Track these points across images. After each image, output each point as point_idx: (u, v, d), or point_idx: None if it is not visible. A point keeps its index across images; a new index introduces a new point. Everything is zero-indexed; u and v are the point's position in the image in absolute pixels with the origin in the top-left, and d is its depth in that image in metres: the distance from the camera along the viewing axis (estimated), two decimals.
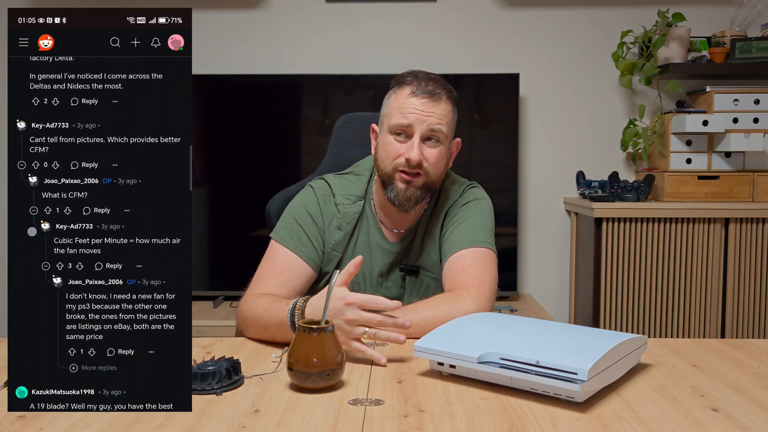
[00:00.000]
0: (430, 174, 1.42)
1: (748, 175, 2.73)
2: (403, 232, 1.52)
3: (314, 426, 0.85)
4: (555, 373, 0.92)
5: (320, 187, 1.53)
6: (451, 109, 1.45)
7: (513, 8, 3.05)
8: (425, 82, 1.42)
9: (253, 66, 3.06)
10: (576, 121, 3.07)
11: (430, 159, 1.41)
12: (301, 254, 1.45)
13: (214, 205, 3.03)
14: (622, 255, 2.65)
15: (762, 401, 0.95)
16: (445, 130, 1.42)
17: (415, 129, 1.40)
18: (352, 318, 1.11)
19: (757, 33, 2.94)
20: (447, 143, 1.45)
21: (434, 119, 1.40)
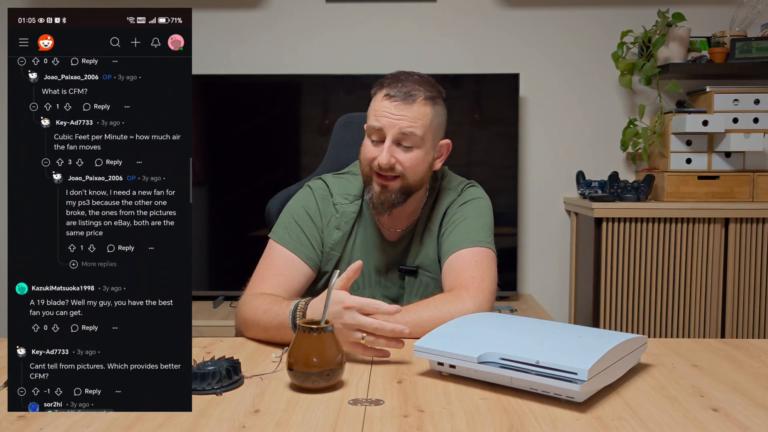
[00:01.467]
0: (407, 177, 1.41)
1: (748, 175, 2.73)
2: (401, 232, 1.52)
3: (314, 426, 0.85)
4: (555, 373, 0.92)
5: (318, 187, 1.53)
6: (430, 110, 1.40)
7: (513, 8, 3.05)
8: (402, 84, 1.39)
9: (253, 66, 3.06)
10: (576, 121, 3.07)
11: (405, 163, 1.39)
12: (299, 254, 1.45)
13: (214, 205, 3.03)
14: (622, 255, 2.65)
15: (762, 401, 0.95)
16: (420, 133, 1.38)
17: (387, 132, 1.38)
18: (349, 322, 1.11)
19: (757, 33, 2.94)
20: (426, 146, 1.41)
21: (405, 122, 1.37)
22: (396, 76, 1.42)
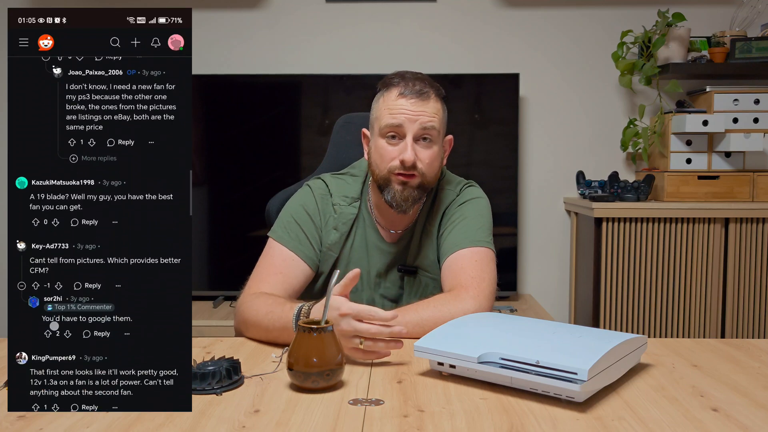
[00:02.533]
0: (425, 174, 1.42)
1: (748, 175, 2.73)
2: (400, 233, 1.52)
3: (314, 426, 0.86)
4: (555, 373, 0.92)
5: (318, 187, 1.53)
6: (441, 106, 1.44)
7: (513, 8, 3.05)
8: (412, 82, 1.41)
9: (253, 66, 3.06)
10: (576, 121, 3.07)
11: (425, 160, 1.41)
12: (299, 253, 1.45)
13: (214, 205, 3.03)
14: (622, 255, 2.65)
15: (762, 401, 0.95)
16: (437, 126, 1.41)
17: (407, 129, 1.39)
18: (346, 329, 1.10)
19: (757, 33, 2.94)
20: (440, 142, 1.45)
21: (425, 117, 1.39)
22: (402, 75, 1.43)
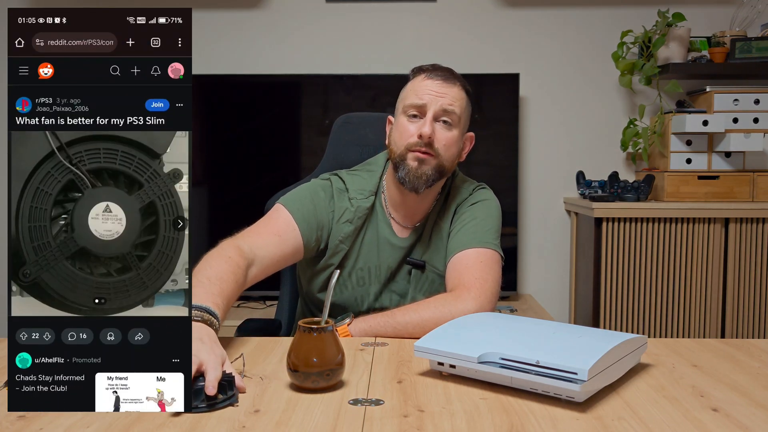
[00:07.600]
0: (441, 156, 1.43)
1: (748, 175, 2.73)
2: (411, 228, 1.53)
3: (314, 426, 0.85)
4: (555, 373, 0.92)
5: (336, 181, 1.54)
6: (465, 97, 1.48)
7: (513, 8, 3.05)
8: (440, 70, 1.47)
9: (253, 66, 3.06)
10: (576, 121, 3.07)
11: (442, 140, 1.43)
12: (301, 227, 1.44)
13: (214, 205, 3.03)
14: (622, 255, 2.65)
15: (762, 401, 0.95)
16: (458, 112, 1.44)
17: (429, 107, 1.43)
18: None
19: (757, 33, 2.94)
20: (460, 129, 1.47)
21: (447, 100, 1.43)
22: (434, 64, 1.50)
